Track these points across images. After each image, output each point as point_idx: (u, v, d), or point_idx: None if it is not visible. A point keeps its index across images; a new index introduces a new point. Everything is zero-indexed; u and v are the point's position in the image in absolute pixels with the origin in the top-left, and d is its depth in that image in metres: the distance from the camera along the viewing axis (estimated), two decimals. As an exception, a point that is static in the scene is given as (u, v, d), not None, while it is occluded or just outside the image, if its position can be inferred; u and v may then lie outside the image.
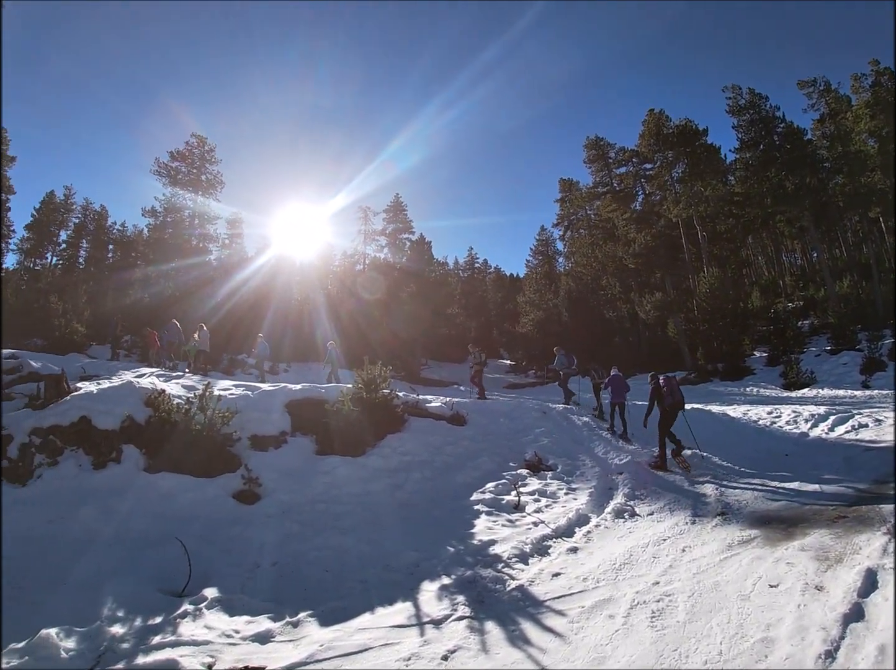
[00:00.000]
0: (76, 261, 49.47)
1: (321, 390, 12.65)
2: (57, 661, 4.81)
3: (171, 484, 8.98)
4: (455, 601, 5.89)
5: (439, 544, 7.59)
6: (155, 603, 5.97)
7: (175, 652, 4.95)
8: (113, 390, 10.77)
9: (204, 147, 40.95)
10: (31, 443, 9.27)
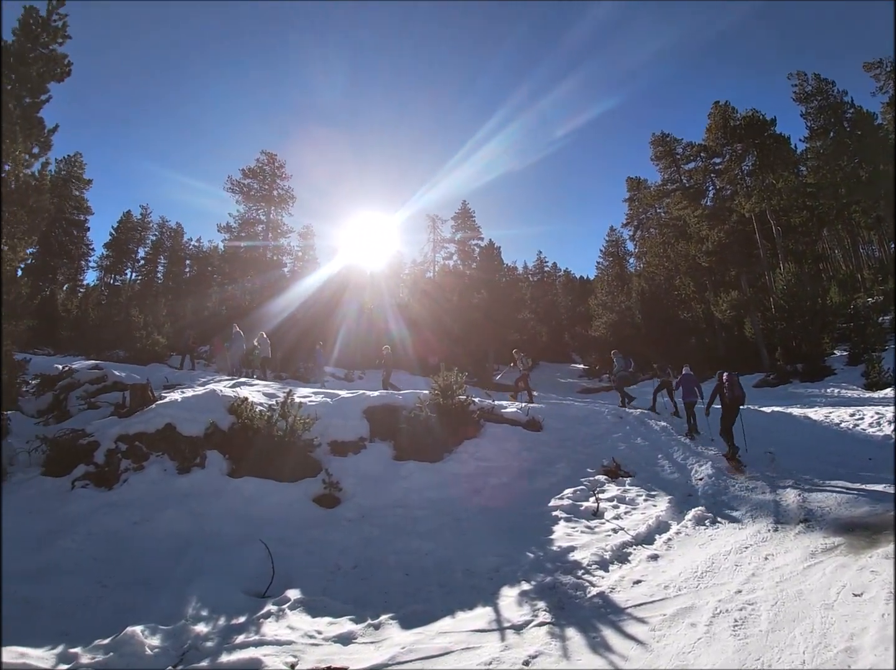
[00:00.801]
0: (154, 276, 51.64)
1: (398, 397, 12.78)
2: (141, 658, 4.95)
3: (254, 488, 9.28)
4: (535, 607, 5.86)
5: (519, 549, 7.58)
6: (238, 604, 6.13)
7: (258, 651, 5.05)
8: (197, 398, 11.24)
9: (274, 163, 42.10)
10: (118, 449, 9.73)
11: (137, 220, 52.70)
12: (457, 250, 49.44)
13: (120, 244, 50.79)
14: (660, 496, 9.47)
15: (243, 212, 40.61)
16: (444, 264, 48.81)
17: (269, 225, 40.75)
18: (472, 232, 48.88)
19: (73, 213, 44.28)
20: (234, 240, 39.97)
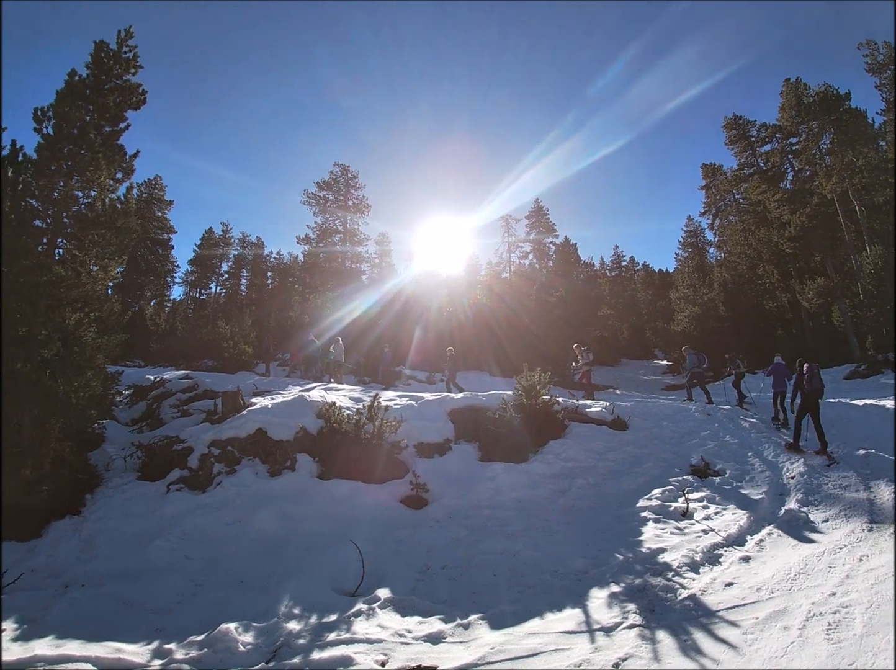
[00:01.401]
0: (238, 288, 53.45)
1: (482, 398, 12.72)
2: (234, 654, 5.08)
3: (343, 489, 9.45)
4: (625, 609, 5.74)
5: (607, 551, 7.43)
6: (329, 602, 6.22)
7: (349, 649, 5.11)
8: (286, 404, 11.60)
9: (347, 174, 42.91)
10: (211, 453, 10.18)
11: (219, 237, 55.10)
12: (532, 249, 48.87)
13: (203, 260, 53.23)
14: (751, 495, 9.08)
15: (321, 222, 41.73)
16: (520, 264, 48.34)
17: (346, 234, 41.60)
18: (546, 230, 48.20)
19: (158, 233, 46.51)
20: (313, 251, 40.95)
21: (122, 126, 11.64)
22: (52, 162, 10.62)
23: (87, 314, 10.74)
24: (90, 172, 10.78)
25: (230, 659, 5.01)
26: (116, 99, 11.40)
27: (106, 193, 11.19)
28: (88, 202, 11.05)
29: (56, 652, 5.07)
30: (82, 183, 10.92)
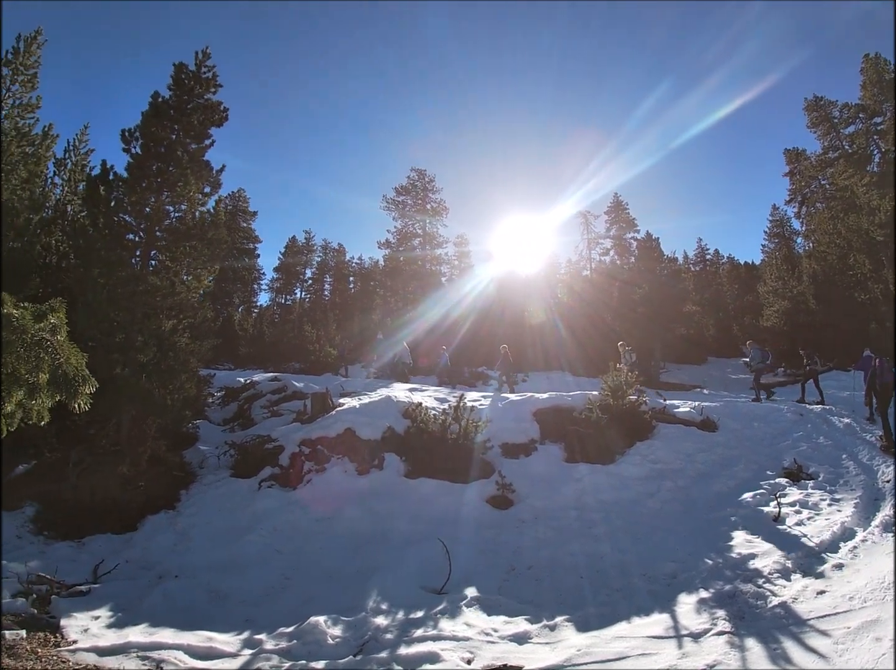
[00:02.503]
0: (322, 293, 54.87)
1: (568, 398, 12.56)
2: (323, 646, 5.19)
3: (429, 488, 9.52)
4: (714, 615, 5.58)
5: (696, 556, 7.20)
6: (416, 599, 6.27)
7: (436, 645, 5.15)
8: (374, 404, 11.90)
9: (424, 178, 43.27)
10: (301, 452, 10.52)
11: (302, 244, 57.04)
12: (613, 245, 47.63)
13: (288, 267, 55.46)
14: (844, 500, 8.60)
15: (400, 227, 42.24)
16: (601, 261, 47.25)
17: (426, 237, 41.92)
18: (626, 225, 46.94)
19: (244, 243, 48.34)
20: (393, 255, 41.54)
21: (206, 143, 12.22)
22: (143, 179, 11.28)
23: (181, 321, 11.35)
24: (180, 188, 11.38)
25: (319, 651, 5.13)
26: (200, 117, 11.97)
27: (196, 207, 11.80)
28: (179, 216, 11.68)
29: (149, 639, 5.35)
30: (172, 198, 11.55)
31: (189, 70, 12.03)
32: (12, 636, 5.25)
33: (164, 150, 11.50)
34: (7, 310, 3.64)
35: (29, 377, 3.66)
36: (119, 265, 10.69)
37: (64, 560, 7.88)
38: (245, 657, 5.12)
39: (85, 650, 5.16)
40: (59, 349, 3.77)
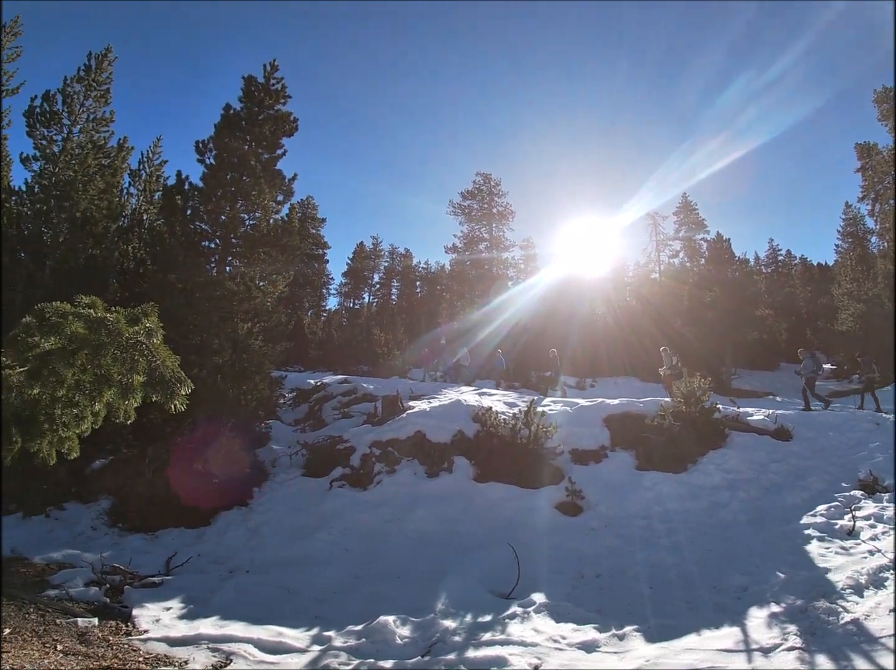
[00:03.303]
0: (389, 298, 55.75)
1: (639, 404, 12.29)
2: (391, 646, 5.23)
3: (498, 493, 9.48)
4: (785, 630, 5.38)
5: (767, 569, 6.97)
6: (484, 603, 6.25)
7: (504, 650, 5.10)
8: (443, 408, 11.99)
9: (490, 182, 43.28)
10: (372, 453, 10.68)
11: (370, 250, 58.23)
12: (682, 247, 46.24)
13: (356, 272, 56.64)
14: None
15: (467, 231, 42.37)
16: (669, 263, 46.01)
17: (492, 241, 41.87)
18: (696, 226, 45.48)
19: (313, 249, 49.34)
20: (460, 259, 41.73)
21: (278, 153, 12.67)
22: (217, 188, 11.77)
23: (255, 324, 11.74)
24: (253, 196, 11.80)
25: (387, 650, 5.16)
26: (271, 128, 12.41)
27: (269, 214, 12.22)
28: (254, 223, 12.11)
29: (220, 631, 5.51)
30: (247, 206, 11.99)
31: (258, 82, 12.51)
32: (84, 623, 5.50)
33: (238, 160, 11.95)
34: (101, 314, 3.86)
35: (122, 378, 3.87)
36: (196, 271, 11.18)
37: (137, 552, 8.30)
38: (314, 653, 5.19)
39: (156, 640, 5.35)
40: (156, 352, 3.97)
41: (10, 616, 5.53)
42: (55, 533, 9.11)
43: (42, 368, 3.75)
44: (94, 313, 3.88)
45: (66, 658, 4.62)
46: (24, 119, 15.07)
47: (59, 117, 15.41)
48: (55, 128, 15.36)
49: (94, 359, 3.81)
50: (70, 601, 6.34)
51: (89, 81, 15.89)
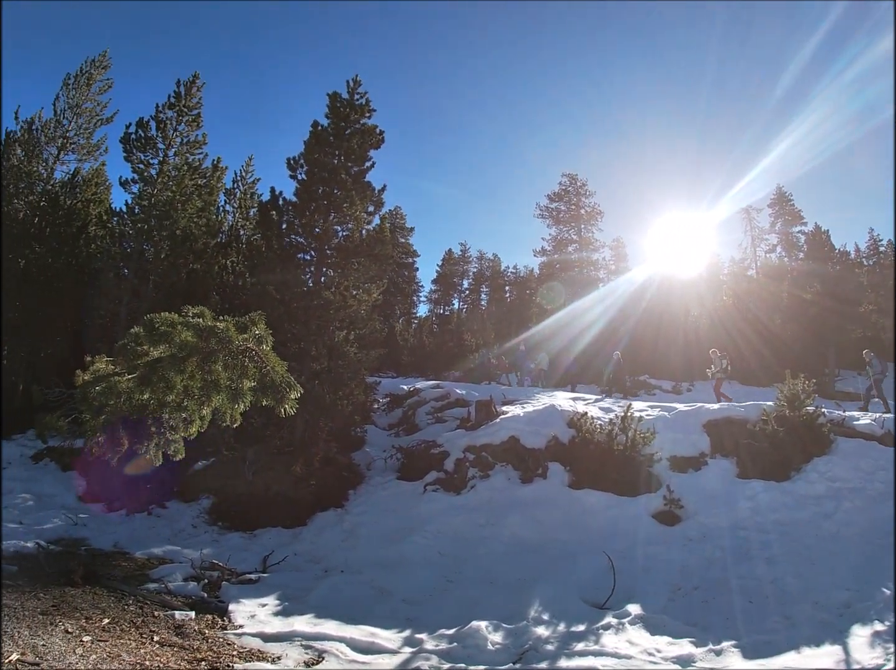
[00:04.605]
0: (478, 303, 55.98)
1: (740, 409, 11.67)
2: (483, 651, 5.22)
3: (594, 500, 9.28)
4: (889, 650, 5.07)
5: (873, 584, 6.52)
6: (578, 612, 6.16)
7: (597, 661, 5.02)
8: (537, 413, 11.87)
9: (577, 183, 42.67)
10: (466, 458, 10.76)
11: (458, 256, 58.69)
12: (779, 241, 43.91)
13: (445, 278, 57.22)
14: None
15: (555, 234, 41.84)
16: (766, 259, 43.97)
17: (581, 242, 41.14)
18: (792, 218, 43.38)
19: (402, 257, 50.02)
20: (549, 262, 41.39)
21: (367, 165, 13.07)
22: (310, 202, 12.31)
23: (350, 332, 12.14)
24: (345, 208, 12.24)
25: (478, 655, 5.17)
26: (358, 141, 12.82)
27: (362, 225, 12.66)
28: (347, 234, 12.57)
29: (314, 629, 5.68)
30: (339, 218, 12.45)
31: (343, 98, 12.99)
32: (181, 616, 5.81)
33: (328, 174, 12.42)
34: (210, 323, 4.09)
35: (232, 384, 4.08)
36: (294, 282, 11.67)
37: (236, 549, 8.73)
38: (405, 655, 5.26)
39: (250, 635, 5.58)
40: (265, 358, 4.17)
41: (110, 606, 5.95)
42: (157, 530, 9.76)
43: (152, 375, 4.00)
44: (202, 322, 4.11)
45: (161, 648, 4.91)
46: (122, 145, 16.54)
47: (154, 142, 16.84)
48: (151, 152, 16.81)
49: (204, 365, 4.03)
50: (168, 594, 6.73)
51: (180, 107, 17.23)
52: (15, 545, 8.18)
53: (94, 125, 20.41)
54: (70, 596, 6.08)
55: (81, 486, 11.48)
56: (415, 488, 10.36)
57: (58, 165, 19.67)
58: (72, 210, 18.02)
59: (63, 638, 4.84)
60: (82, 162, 20.30)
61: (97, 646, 4.74)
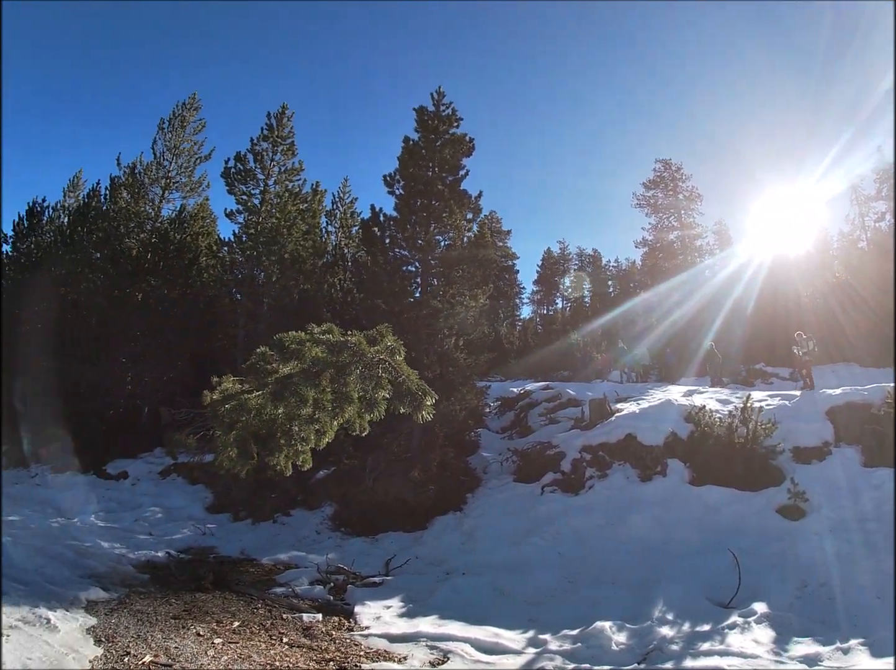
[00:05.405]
0: (582, 301, 54.89)
1: (863, 392, 10.85)
2: (607, 652, 5.21)
3: (715, 496, 9.00)
4: None
5: None
6: (702, 611, 6.07)
7: (723, 661, 4.94)
8: (653, 408, 11.63)
9: (671, 168, 41.18)
10: (582, 458, 10.71)
11: (558, 255, 58.09)
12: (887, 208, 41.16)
13: (546, 278, 56.97)
14: None
15: (655, 222, 40.54)
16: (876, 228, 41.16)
17: (682, 229, 39.66)
18: None
19: (502, 261, 49.81)
20: (651, 252, 40.42)
21: (461, 174, 13.38)
22: (411, 215, 12.76)
23: (459, 338, 12.50)
24: (445, 218, 12.58)
25: (602, 656, 5.15)
26: (450, 151, 13.15)
27: (462, 233, 12.98)
28: (448, 243, 12.92)
29: (438, 630, 5.86)
30: (440, 228, 12.80)
31: (429, 111, 13.34)
32: (309, 618, 6.15)
33: (424, 186, 12.81)
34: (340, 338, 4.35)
35: (366, 394, 4.32)
36: (402, 293, 12.02)
37: (358, 553, 9.11)
38: (529, 655, 5.31)
39: (376, 635, 5.80)
40: (399, 368, 4.39)
41: (239, 610, 6.38)
42: (282, 537, 10.37)
43: (283, 390, 4.28)
44: (332, 338, 4.37)
45: (290, 649, 5.22)
46: (223, 179, 17.92)
47: (254, 173, 18.15)
48: (252, 183, 18.13)
49: (338, 378, 4.27)
50: (295, 598, 7.15)
51: (274, 138, 18.40)
52: (146, 554, 8.96)
53: (194, 163, 22.03)
54: (201, 601, 6.56)
55: (208, 498, 12.49)
56: (532, 490, 10.41)
57: (164, 204, 21.41)
58: (182, 243, 19.56)
59: (195, 640, 5.23)
60: (187, 198, 22.05)
61: (228, 648, 5.11)
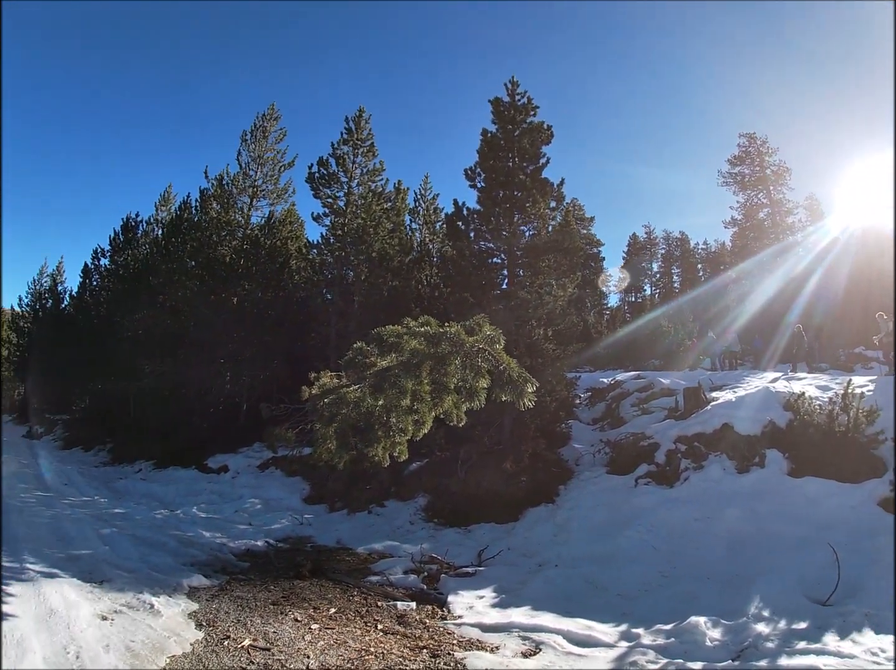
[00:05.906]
0: (671, 286, 53.69)
1: None
2: (700, 648, 5.11)
3: (815, 488, 8.52)
4: None
5: None
6: (799, 608, 5.89)
7: (819, 660, 4.75)
8: (750, 397, 11.14)
9: (756, 142, 39.38)
10: (676, 449, 10.39)
11: (644, 240, 56.63)
12: None
13: (633, 264, 54.94)
14: None
15: (743, 201, 38.89)
16: None
17: (772, 206, 37.92)
18: None
19: (588, 248, 49.02)
20: (741, 231, 39.01)
21: (542, 162, 13.27)
22: (494, 207, 12.79)
23: (548, 328, 12.49)
24: (528, 208, 12.53)
25: (695, 651, 5.08)
26: (529, 140, 13.06)
27: (547, 222, 12.87)
28: (533, 233, 12.83)
29: (531, 621, 5.88)
30: (524, 218, 12.79)
31: (505, 102, 13.28)
32: (403, 607, 6.36)
33: (505, 177, 12.79)
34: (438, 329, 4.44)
35: (465, 384, 4.40)
36: (489, 286, 12.04)
37: (451, 544, 9.22)
38: (621, 649, 5.28)
39: (469, 625, 5.90)
40: (499, 356, 4.46)
41: (336, 597, 6.67)
42: (376, 527, 10.67)
43: (383, 383, 4.41)
44: (430, 329, 4.46)
45: (385, 636, 5.40)
46: (308, 184, 18.74)
47: (337, 177, 18.90)
48: (336, 186, 18.91)
49: (437, 369, 4.37)
50: (390, 586, 7.39)
51: (354, 141, 19.05)
52: (246, 543, 9.50)
53: (279, 171, 23.10)
54: (298, 589, 6.90)
55: (305, 490, 13.05)
56: (625, 482, 10.22)
57: (252, 211, 22.64)
58: (273, 248, 20.70)
59: (292, 625, 5.50)
60: (274, 205, 23.16)
61: (324, 634, 5.34)
